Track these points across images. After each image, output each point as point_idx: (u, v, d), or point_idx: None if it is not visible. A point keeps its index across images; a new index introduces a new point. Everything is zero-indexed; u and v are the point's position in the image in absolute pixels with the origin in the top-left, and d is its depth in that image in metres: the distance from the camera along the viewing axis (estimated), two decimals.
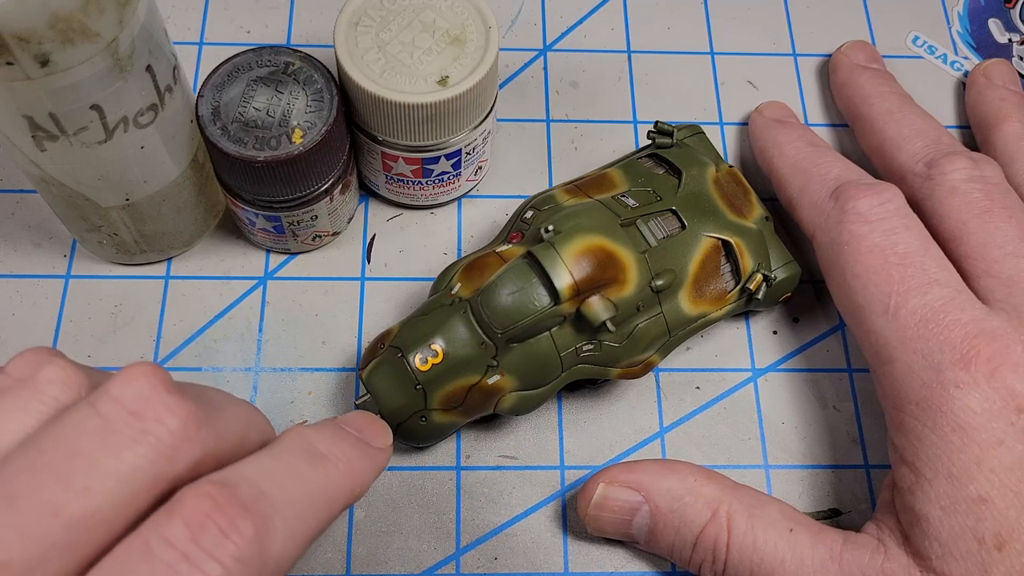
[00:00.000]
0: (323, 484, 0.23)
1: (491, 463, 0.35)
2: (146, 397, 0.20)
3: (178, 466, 0.20)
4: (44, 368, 0.21)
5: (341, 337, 0.37)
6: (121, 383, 0.20)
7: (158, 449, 0.20)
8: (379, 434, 0.26)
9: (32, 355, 0.21)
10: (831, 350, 0.38)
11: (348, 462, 0.24)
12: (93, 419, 0.20)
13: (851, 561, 0.29)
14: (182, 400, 0.20)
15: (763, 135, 0.39)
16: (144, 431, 0.20)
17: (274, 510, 0.20)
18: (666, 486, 0.31)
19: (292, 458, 0.22)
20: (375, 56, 0.33)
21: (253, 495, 0.20)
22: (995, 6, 0.46)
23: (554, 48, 0.43)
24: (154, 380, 0.20)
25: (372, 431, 0.26)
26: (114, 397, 0.20)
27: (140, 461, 0.19)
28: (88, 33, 0.26)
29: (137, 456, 0.19)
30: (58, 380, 0.21)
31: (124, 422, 0.20)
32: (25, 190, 0.39)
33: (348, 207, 0.38)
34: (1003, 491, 0.27)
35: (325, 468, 0.23)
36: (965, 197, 0.33)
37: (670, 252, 0.33)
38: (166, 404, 0.20)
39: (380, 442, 0.26)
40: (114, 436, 0.19)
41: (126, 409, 0.20)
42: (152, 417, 0.20)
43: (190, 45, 0.42)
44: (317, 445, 0.23)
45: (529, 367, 0.32)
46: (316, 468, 0.23)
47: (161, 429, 0.20)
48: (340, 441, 0.24)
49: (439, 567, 0.33)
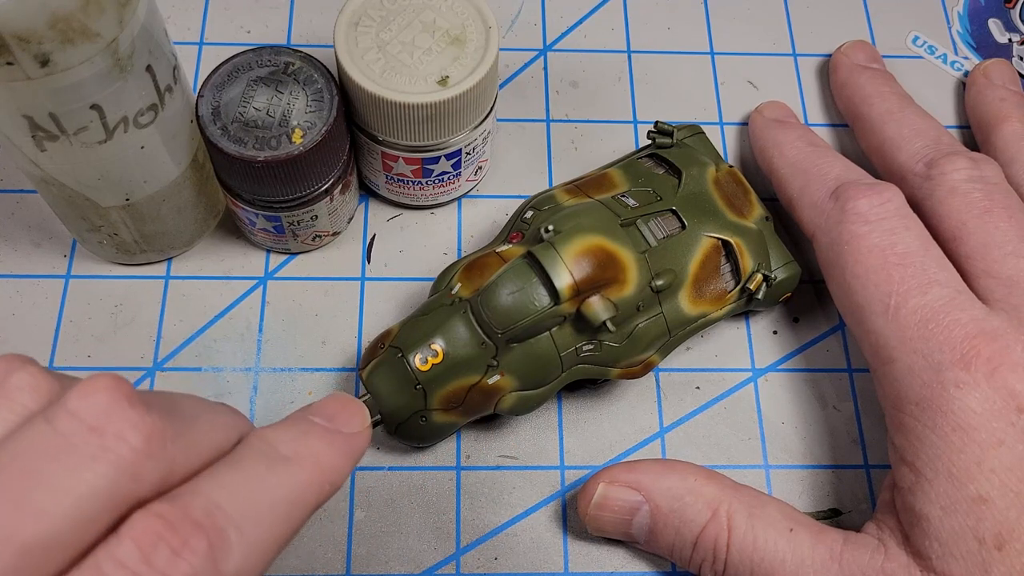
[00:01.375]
0: (287, 488, 0.21)
1: (491, 463, 0.35)
2: (106, 411, 0.19)
3: (142, 485, 0.19)
4: (13, 375, 0.20)
5: (341, 337, 0.37)
6: (79, 396, 0.19)
7: (119, 467, 0.18)
8: (353, 417, 0.24)
9: (2, 362, 0.20)
10: (831, 350, 0.38)
11: (315, 459, 0.22)
12: (50, 435, 0.18)
13: (851, 561, 0.29)
14: (145, 414, 0.19)
15: (763, 135, 0.39)
16: (104, 448, 0.18)
17: (230, 523, 0.19)
18: (666, 486, 0.31)
19: (251, 465, 0.21)
20: (375, 56, 0.33)
21: (207, 510, 0.19)
22: (995, 6, 0.46)
23: (554, 48, 0.43)
24: (115, 393, 0.19)
25: (344, 416, 0.24)
26: (72, 411, 0.19)
27: (100, 481, 0.18)
28: (88, 33, 0.26)
29: (96, 475, 0.18)
30: (27, 387, 0.20)
31: (82, 439, 0.18)
32: (25, 190, 0.39)
33: (348, 207, 0.38)
34: (1003, 491, 0.27)
35: (289, 471, 0.22)
36: (965, 197, 0.33)
37: (670, 252, 0.33)
38: (128, 419, 0.19)
39: (354, 426, 0.24)
40: (72, 454, 0.18)
41: (85, 424, 0.19)
42: (113, 433, 0.19)
43: (190, 45, 0.42)
44: (279, 447, 0.22)
45: (529, 367, 0.32)
46: (278, 473, 0.21)
47: (122, 446, 0.19)
48: (305, 437, 0.23)
49: (439, 567, 0.33)
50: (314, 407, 0.24)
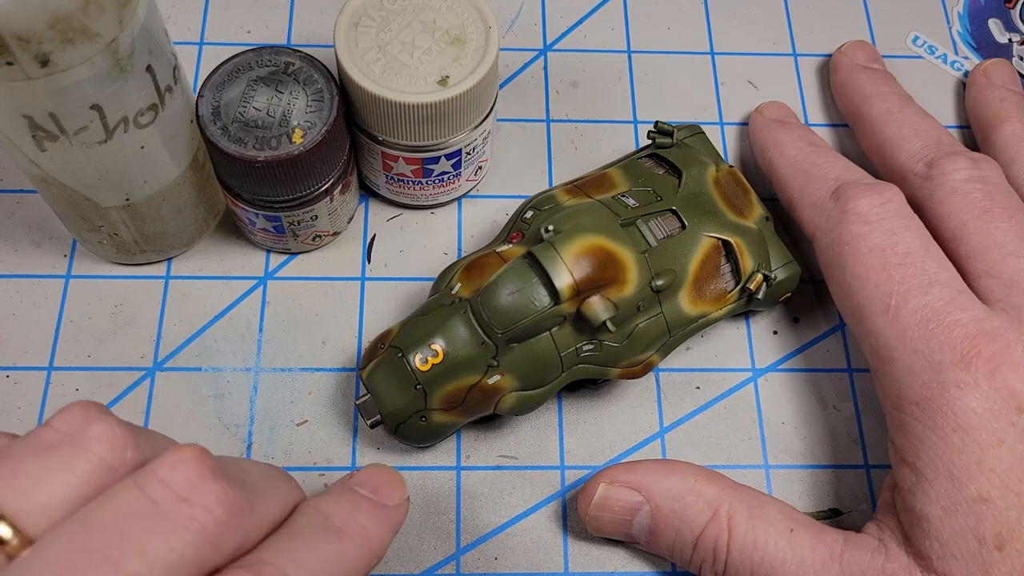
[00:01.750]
0: (341, 560, 0.23)
1: (491, 463, 0.35)
2: (194, 483, 0.20)
3: (222, 554, 0.20)
4: (92, 426, 0.21)
5: (341, 337, 0.37)
6: (170, 466, 0.20)
7: (205, 537, 0.20)
8: (394, 490, 0.26)
9: (79, 410, 0.21)
10: (831, 350, 0.38)
11: (364, 532, 0.24)
12: (141, 501, 0.20)
13: (852, 561, 0.29)
14: (228, 488, 0.20)
15: (763, 135, 0.39)
16: (192, 518, 0.20)
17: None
18: (666, 486, 0.31)
19: (310, 535, 0.23)
20: (375, 56, 0.33)
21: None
22: (995, 6, 0.46)
23: (554, 48, 0.43)
24: (202, 466, 0.20)
25: (387, 489, 0.26)
26: (162, 480, 0.20)
27: (188, 549, 0.19)
28: (88, 33, 0.26)
29: (185, 544, 0.19)
30: (106, 439, 0.21)
31: (173, 507, 0.20)
32: (25, 190, 0.39)
33: (348, 207, 0.38)
34: (1004, 491, 0.27)
35: (342, 542, 0.23)
36: (965, 197, 0.33)
37: (670, 252, 0.33)
38: (214, 492, 0.20)
39: (396, 498, 0.26)
40: (163, 521, 0.19)
41: (175, 494, 0.20)
42: (201, 504, 0.20)
43: (190, 45, 0.42)
44: (334, 519, 0.24)
45: (529, 367, 0.32)
46: (333, 544, 0.23)
47: (208, 517, 0.20)
48: (355, 511, 0.24)
49: (439, 567, 0.33)
50: (359, 478, 0.26)
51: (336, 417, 0.35)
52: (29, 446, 0.21)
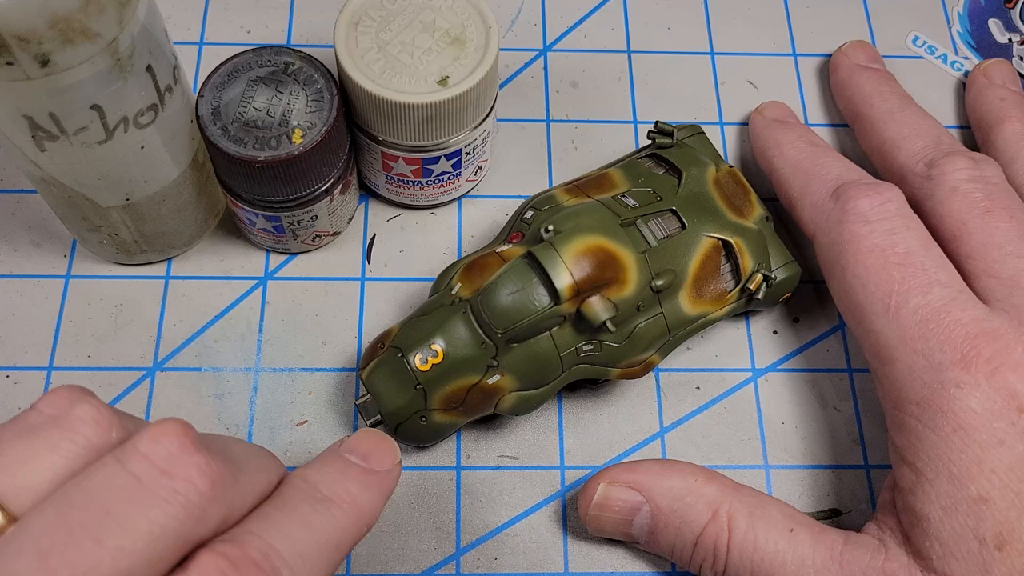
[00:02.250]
0: (330, 530, 0.23)
1: (491, 463, 0.35)
2: (176, 455, 0.20)
3: (206, 527, 0.20)
4: (77, 406, 0.21)
5: (341, 337, 0.37)
6: (150, 440, 0.20)
7: (188, 510, 0.20)
8: (385, 455, 0.26)
9: (65, 392, 0.21)
10: (831, 350, 0.38)
11: (353, 501, 0.24)
12: (123, 476, 0.19)
13: (852, 561, 0.29)
14: (211, 460, 0.20)
15: (763, 135, 0.39)
16: (175, 491, 0.20)
17: (283, 564, 0.21)
18: (667, 486, 0.31)
19: (297, 506, 0.23)
20: (375, 56, 0.33)
21: (263, 551, 0.20)
22: (995, 6, 0.46)
23: (554, 48, 0.43)
24: (183, 439, 0.20)
25: (378, 454, 0.26)
26: (143, 454, 0.20)
27: (170, 522, 0.19)
28: (88, 33, 0.26)
29: (168, 517, 0.19)
30: (90, 419, 0.21)
31: (155, 481, 0.20)
32: (25, 190, 0.39)
33: (348, 207, 0.38)
34: (1004, 491, 0.27)
35: (330, 512, 0.23)
36: (966, 197, 0.33)
37: (670, 252, 0.33)
38: (196, 464, 0.20)
39: (387, 463, 0.25)
40: (145, 495, 0.19)
41: (156, 467, 0.20)
42: (183, 477, 0.20)
43: (190, 45, 0.42)
44: (321, 488, 0.23)
45: (529, 367, 0.32)
46: (321, 514, 0.23)
47: (191, 489, 0.20)
48: (344, 479, 0.24)
49: (439, 567, 0.33)
50: (348, 444, 0.26)
51: (336, 417, 0.35)
52: (15, 428, 0.21)
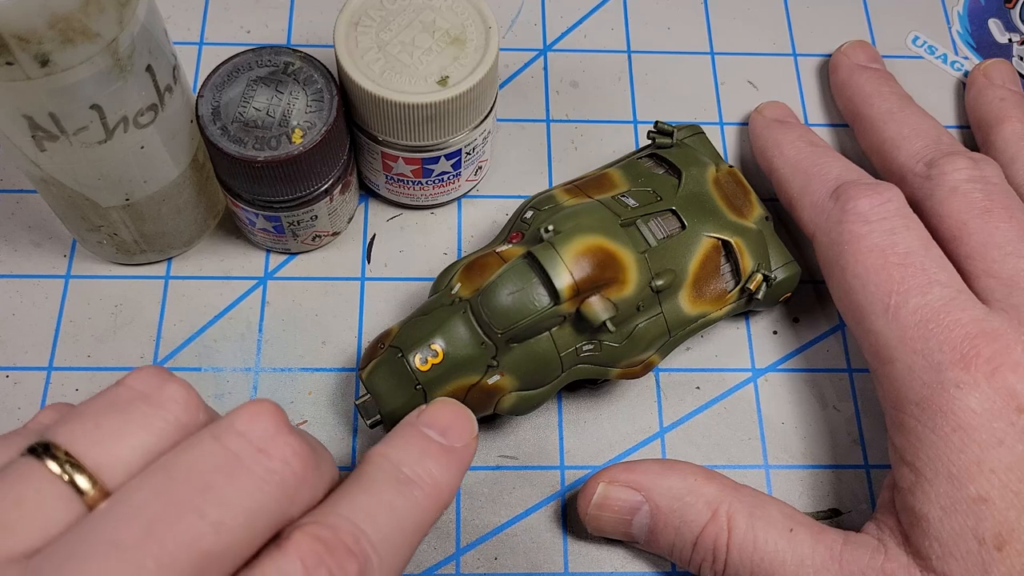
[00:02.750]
0: (413, 513, 0.23)
1: (491, 463, 0.35)
2: (272, 435, 0.20)
3: (296, 507, 0.20)
4: (167, 385, 0.21)
5: (341, 337, 0.37)
6: (247, 419, 0.20)
7: (283, 489, 0.20)
8: (464, 429, 0.26)
9: (154, 371, 0.22)
10: (831, 350, 0.38)
11: (435, 482, 0.24)
12: (221, 452, 0.20)
13: (851, 561, 0.29)
14: (303, 443, 0.21)
15: (763, 135, 0.39)
16: (272, 470, 0.20)
17: (373, 549, 0.21)
18: (666, 486, 0.31)
19: (382, 489, 0.23)
20: (375, 56, 0.33)
21: (355, 536, 0.21)
22: (995, 6, 0.46)
23: (554, 48, 0.43)
24: (278, 419, 0.21)
25: (456, 429, 0.26)
26: (240, 432, 0.20)
27: (267, 500, 0.20)
28: (88, 33, 0.26)
29: (264, 495, 0.20)
30: (181, 399, 0.21)
31: (253, 459, 0.20)
32: (25, 190, 0.39)
33: (348, 207, 0.38)
34: (1003, 491, 0.27)
35: (413, 494, 0.23)
36: (965, 197, 0.33)
37: (670, 252, 0.33)
38: (290, 445, 0.20)
39: (464, 438, 0.26)
40: (244, 473, 0.20)
41: (254, 446, 0.20)
42: (279, 457, 0.20)
43: (190, 45, 0.42)
44: (404, 469, 0.24)
45: (529, 367, 0.32)
46: (405, 497, 0.23)
47: (287, 469, 0.20)
48: (425, 458, 0.24)
49: (439, 567, 0.33)
50: (427, 417, 0.26)
51: (336, 417, 0.35)
52: (107, 403, 0.21)
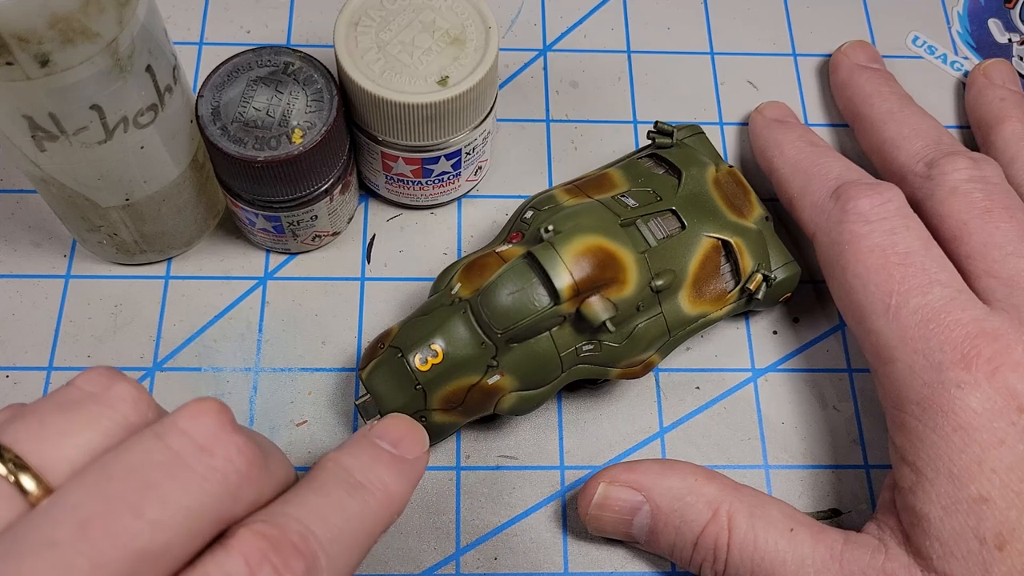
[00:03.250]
0: (363, 516, 0.23)
1: (491, 463, 0.35)
2: (215, 433, 0.20)
3: (239, 506, 0.20)
4: (116, 385, 0.21)
5: (341, 337, 0.37)
6: (190, 416, 0.20)
7: (225, 487, 0.20)
8: (415, 442, 0.26)
9: (104, 371, 0.21)
10: (831, 350, 0.38)
11: (386, 488, 0.24)
12: (162, 450, 0.20)
13: (852, 561, 0.29)
14: (248, 441, 0.20)
15: (763, 135, 0.39)
16: (213, 468, 0.20)
17: (321, 548, 0.21)
18: (667, 486, 0.31)
19: (333, 491, 0.23)
20: (375, 56, 0.33)
21: (302, 534, 0.21)
22: (995, 6, 0.46)
23: (554, 48, 0.43)
24: (222, 418, 0.20)
25: (408, 441, 0.26)
26: (183, 430, 0.20)
27: (208, 499, 0.19)
28: (88, 33, 0.26)
29: (205, 493, 0.19)
30: (130, 399, 0.21)
31: (194, 457, 0.20)
32: (25, 190, 0.39)
33: (348, 207, 0.38)
34: (1004, 491, 0.27)
35: (364, 499, 0.23)
36: (966, 197, 0.33)
37: (670, 252, 0.33)
38: (235, 443, 0.20)
39: (416, 451, 0.26)
40: (184, 471, 0.19)
41: (196, 444, 0.20)
42: (222, 455, 0.20)
43: (190, 45, 0.42)
44: (355, 474, 0.23)
45: (529, 367, 0.32)
46: (356, 500, 0.23)
47: (229, 468, 0.20)
48: (376, 465, 0.24)
49: (439, 567, 0.33)
50: (379, 430, 0.26)
51: (336, 417, 0.35)
52: (55, 403, 0.21)
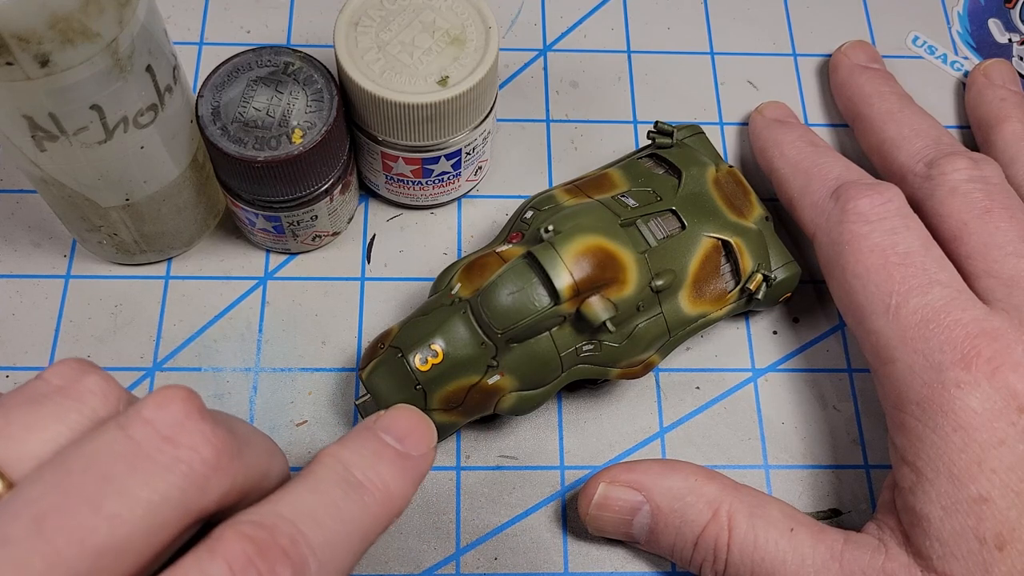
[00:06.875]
0: (360, 518, 0.22)
1: (491, 463, 0.35)
2: (180, 422, 0.19)
3: (209, 497, 0.19)
4: (85, 378, 0.20)
5: (341, 337, 0.37)
6: (155, 406, 0.19)
7: (190, 479, 0.19)
8: (422, 438, 0.24)
9: (73, 363, 0.21)
10: (831, 350, 0.38)
11: (386, 488, 0.23)
12: (124, 442, 0.19)
13: (852, 561, 0.29)
14: (216, 428, 0.20)
15: (763, 135, 0.39)
16: (177, 459, 0.19)
17: (311, 552, 0.20)
18: (667, 486, 0.31)
19: (329, 490, 0.22)
20: (375, 56, 0.33)
21: (292, 537, 0.20)
22: (995, 6, 0.46)
23: (554, 48, 0.43)
24: (189, 406, 0.19)
25: (415, 436, 0.24)
26: (146, 420, 0.19)
27: (172, 491, 0.19)
28: (88, 33, 0.26)
29: (169, 485, 0.19)
30: (99, 391, 0.20)
31: (157, 447, 0.19)
32: (25, 190, 0.39)
33: (348, 207, 0.38)
34: (1004, 491, 0.27)
35: (362, 499, 0.22)
36: (966, 197, 0.33)
37: (670, 252, 0.33)
38: (201, 431, 0.19)
39: (422, 447, 0.24)
40: (146, 462, 0.19)
41: (159, 434, 0.19)
42: (187, 444, 0.19)
43: (190, 45, 0.42)
44: (354, 472, 0.22)
45: (529, 367, 0.32)
46: (353, 500, 0.22)
47: (195, 457, 0.19)
48: (378, 462, 0.23)
49: (439, 567, 0.33)
50: (384, 421, 0.24)
51: (336, 417, 0.35)
52: (22, 397, 0.20)
